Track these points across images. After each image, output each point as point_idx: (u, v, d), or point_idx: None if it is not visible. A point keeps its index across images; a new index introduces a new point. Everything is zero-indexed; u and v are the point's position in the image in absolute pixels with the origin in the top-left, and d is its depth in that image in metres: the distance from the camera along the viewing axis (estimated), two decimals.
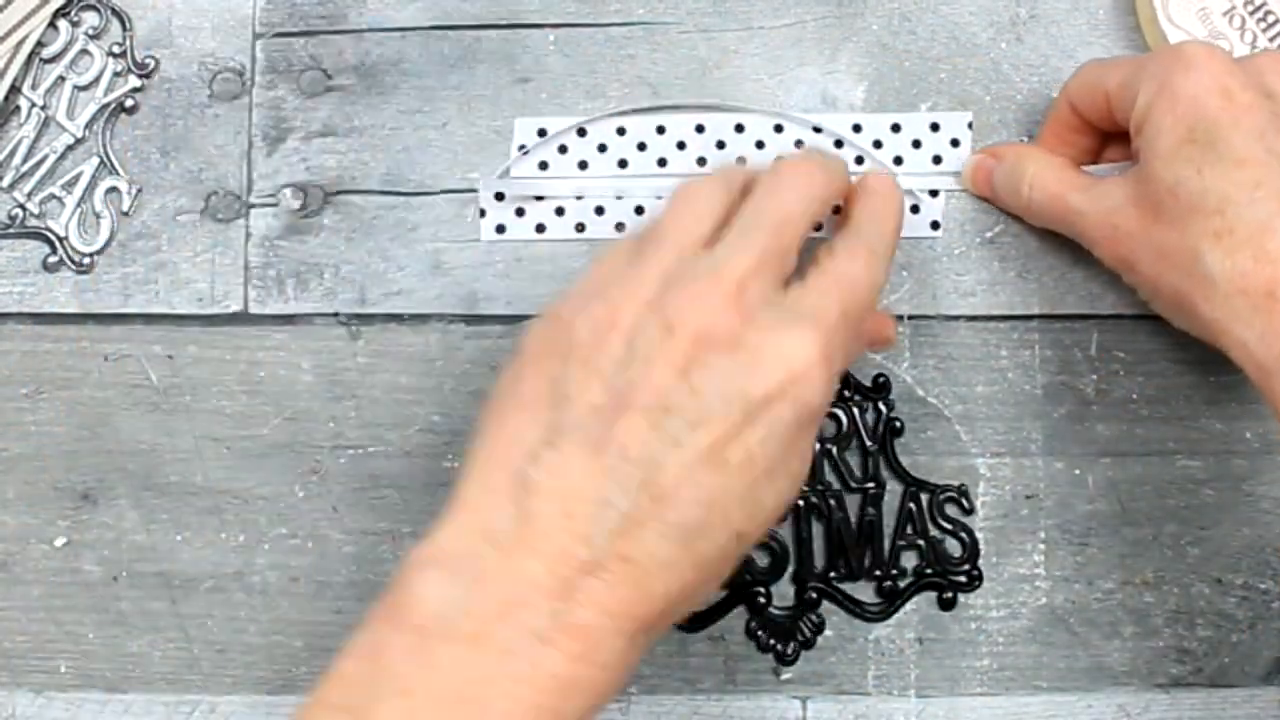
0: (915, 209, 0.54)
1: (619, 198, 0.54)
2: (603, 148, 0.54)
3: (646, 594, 0.40)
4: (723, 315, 0.41)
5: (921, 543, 0.53)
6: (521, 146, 0.54)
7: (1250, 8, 0.53)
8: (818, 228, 0.48)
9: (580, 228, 0.54)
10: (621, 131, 0.54)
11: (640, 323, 0.41)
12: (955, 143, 0.54)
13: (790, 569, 0.53)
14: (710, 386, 0.40)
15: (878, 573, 0.53)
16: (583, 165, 0.54)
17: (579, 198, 0.54)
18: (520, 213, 0.54)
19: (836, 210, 0.49)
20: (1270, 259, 0.43)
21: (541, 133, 0.54)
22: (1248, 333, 0.43)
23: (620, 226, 0.54)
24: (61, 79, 0.54)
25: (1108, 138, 0.52)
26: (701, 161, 0.54)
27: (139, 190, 0.54)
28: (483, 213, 0.54)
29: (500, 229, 0.54)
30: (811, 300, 0.43)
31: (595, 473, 0.40)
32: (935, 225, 0.54)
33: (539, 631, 0.38)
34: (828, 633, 0.53)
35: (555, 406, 0.41)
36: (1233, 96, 0.45)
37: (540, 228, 0.54)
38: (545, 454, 0.40)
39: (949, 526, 0.53)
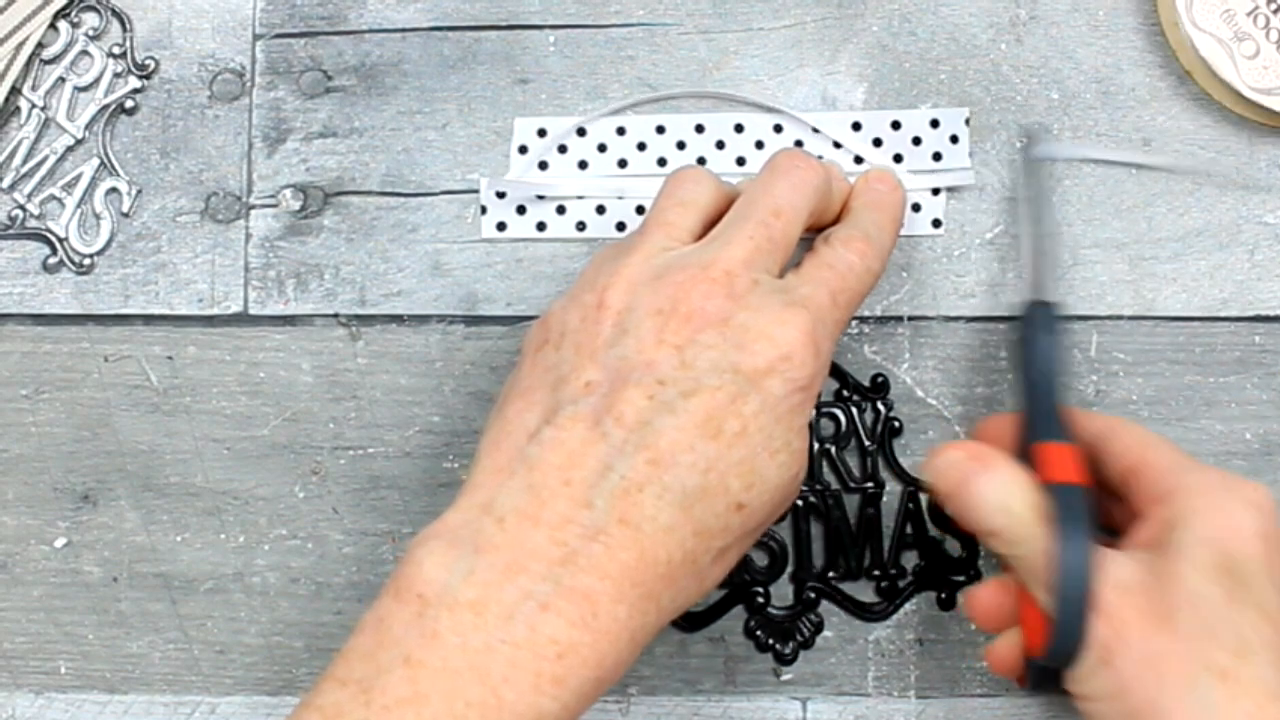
0: (916, 207, 0.54)
1: (620, 197, 0.54)
2: (603, 147, 0.54)
3: (648, 559, 0.40)
4: (712, 299, 0.42)
5: (921, 543, 0.53)
6: (521, 147, 0.54)
7: (1274, 7, 0.53)
8: (815, 231, 0.48)
9: (581, 226, 0.54)
10: (621, 131, 0.54)
11: (630, 304, 0.43)
12: (955, 139, 0.54)
13: (789, 569, 0.53)
14: (702, 360, 0.41)
15: (877, 572, 0.53)
16: (583, 165, 0.54)
17: (580, 197, 0.54)
18: (521, 210, 0.54)
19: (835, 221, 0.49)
20: None
21: (541, 133, 0.54)
22: None
23: (621, 226, 0.54)
24: (62, 80, 0.55)
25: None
26: (701, 161, 0.54)
27: (139, 191, 0.54)
28: (484, 210, 0.54)
29: (501, 226, 0.54)
30: (803, 287, 0.44)
31: (593, 441, 0.41)
32: (937, 223, 0.54)
33: (540, 597, 0.39)
34: (827, 633, 0.53)
35: (553, 389, 0.42)
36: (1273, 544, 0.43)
37: (541, 226, 0.54)
38: (545, 431, 0.41)
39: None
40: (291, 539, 0.53)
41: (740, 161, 0.54)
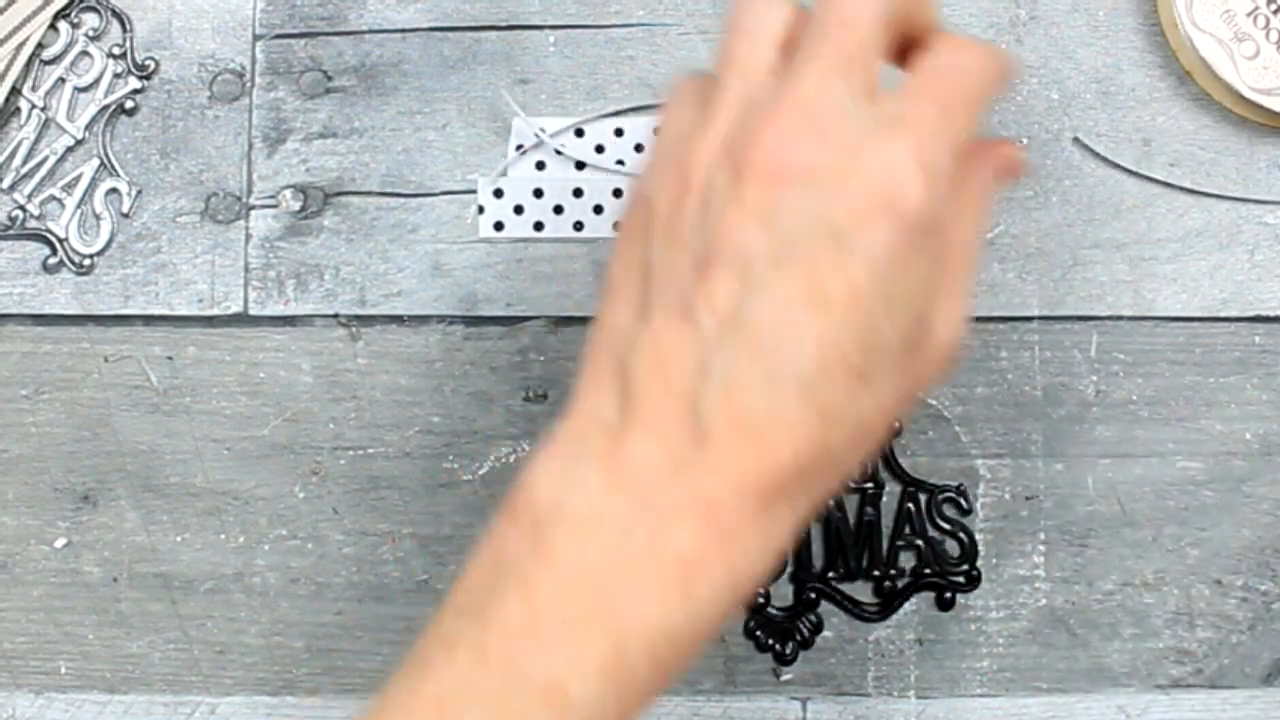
0: None
1: (617, 194, 0.54)
2: (600, 148, 0.54)
3: (770, 455, 0.36)
4: (794, 143, 0.36)
5: (920, 543, 0.53)
6: (519, 147, 0.54)
7: (1274, 7, 0.53)
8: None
9: (579, 226, 0.54)
10: (619, 133, 0.54)
11: (710, 176, 0.38)
12: None
13: (789, 569, 0.53)
14: (790, 222, 0.36)
15: (876, 573, 0.53)
16: (580, 166, 0.54)
17: (578, 194, 0.54)
18: (519, 210, 0.54)
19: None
20: None
21: (540, 132, 0.54)
22: None
23: (619, 226, 0.54)
24: (62, 80, 0.55)
25: None
26: None
27: (139, 192, 0.54)
28: (481, 209, 0.54)
29: (499, 226, 0.54)
30: (899, 104, 0.38)
31: (686, 336, 0.36)
32: None
33: (657, 507, 0.36)
34: (827, 634, 0.53)
35: (642, 281, 0.38)
36: None
37: (539, 225, 0.54)
38: (638, 334, 0.37)
39: (947, 527, 0.53)
40: (291, 539, 0.53)
41: None
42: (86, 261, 0.54)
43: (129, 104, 0.54)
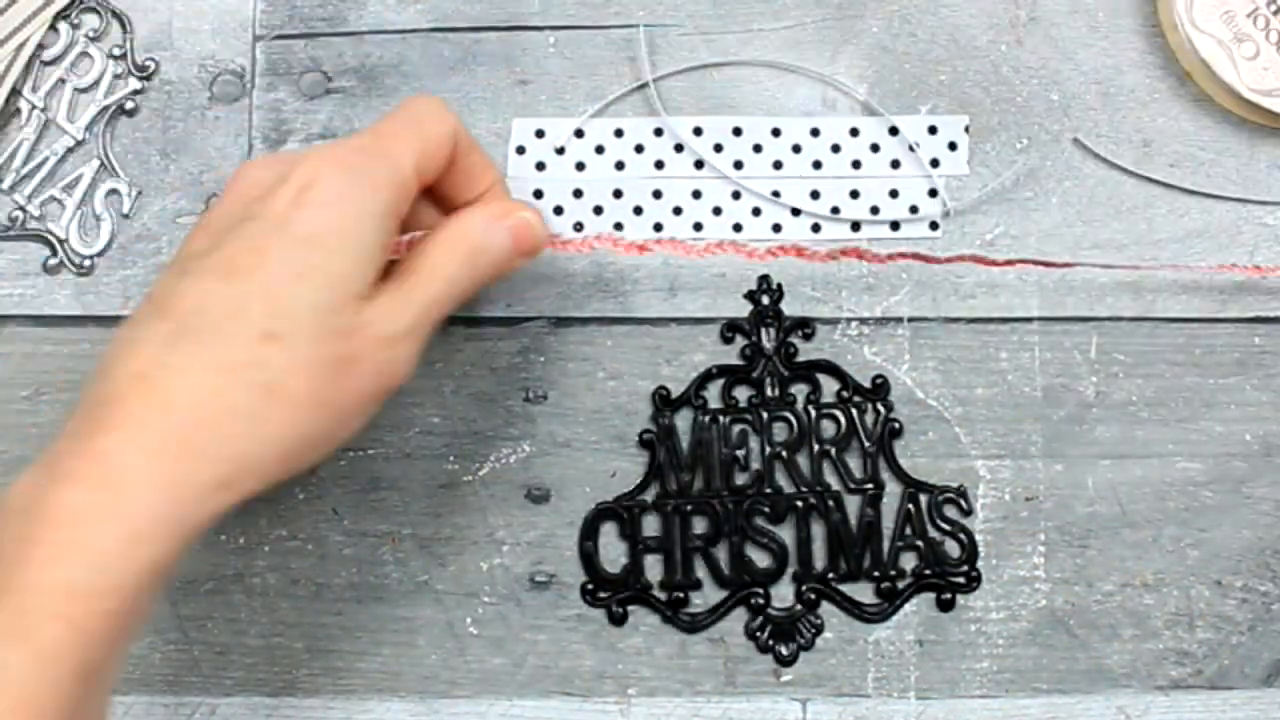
0: (914, 209, 0.54)
1: (617, 195, 0.54)
2: (600, 149, 0.54)
3: (158, 403, 0.40)
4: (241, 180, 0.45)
5: (920, 544, 0.53)
6: (519, 148, 0.54)
7: (1274, 8, 0.53)
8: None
9: (579, 226, 0.54)
10: (619, 133, 0.54)
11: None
12: (953, 146, 0.54)
13: (790, 570, 0.53)
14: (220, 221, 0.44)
15: (877, 574, 0.53)
16: (580, 166, 0.54)
17: (578, 194, 0.54)
18: None
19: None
20: None
21: (539, 134, 0.54)
22: None
23: (619, 226, 0.54)
24: (62, 81, 0.55)
25: None
26: (699, 165, 0.54)
27: (139, 192, 0.54)
28: None
29: None
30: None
31: (129, 327, 0.43)
32: (934, 226, 0.54)
33: (53, 470, 0.39)
34: (827, 634, 0.53)
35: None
36: None
37: None
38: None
39: (948, 528, 0.53)
40: (291, 540, 0.53)
41: (738, 165, 0.54)
42: (87, 262, 0.54)
43: (129, 105, 0.55)
